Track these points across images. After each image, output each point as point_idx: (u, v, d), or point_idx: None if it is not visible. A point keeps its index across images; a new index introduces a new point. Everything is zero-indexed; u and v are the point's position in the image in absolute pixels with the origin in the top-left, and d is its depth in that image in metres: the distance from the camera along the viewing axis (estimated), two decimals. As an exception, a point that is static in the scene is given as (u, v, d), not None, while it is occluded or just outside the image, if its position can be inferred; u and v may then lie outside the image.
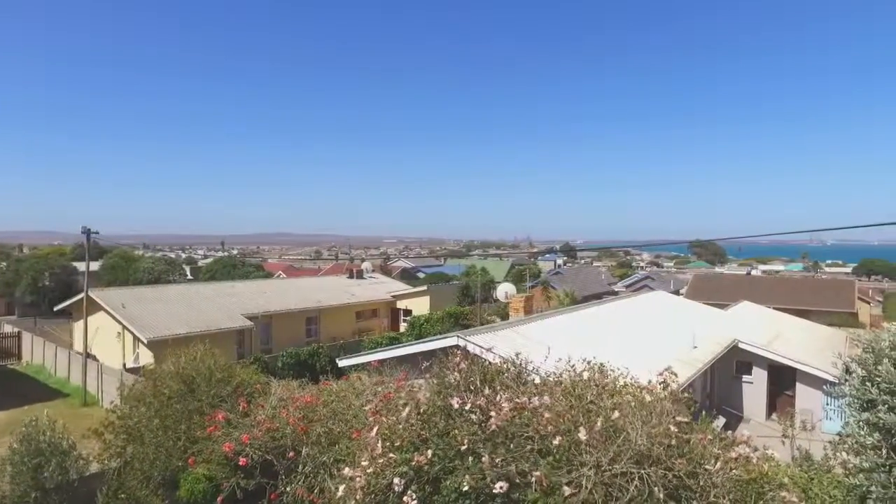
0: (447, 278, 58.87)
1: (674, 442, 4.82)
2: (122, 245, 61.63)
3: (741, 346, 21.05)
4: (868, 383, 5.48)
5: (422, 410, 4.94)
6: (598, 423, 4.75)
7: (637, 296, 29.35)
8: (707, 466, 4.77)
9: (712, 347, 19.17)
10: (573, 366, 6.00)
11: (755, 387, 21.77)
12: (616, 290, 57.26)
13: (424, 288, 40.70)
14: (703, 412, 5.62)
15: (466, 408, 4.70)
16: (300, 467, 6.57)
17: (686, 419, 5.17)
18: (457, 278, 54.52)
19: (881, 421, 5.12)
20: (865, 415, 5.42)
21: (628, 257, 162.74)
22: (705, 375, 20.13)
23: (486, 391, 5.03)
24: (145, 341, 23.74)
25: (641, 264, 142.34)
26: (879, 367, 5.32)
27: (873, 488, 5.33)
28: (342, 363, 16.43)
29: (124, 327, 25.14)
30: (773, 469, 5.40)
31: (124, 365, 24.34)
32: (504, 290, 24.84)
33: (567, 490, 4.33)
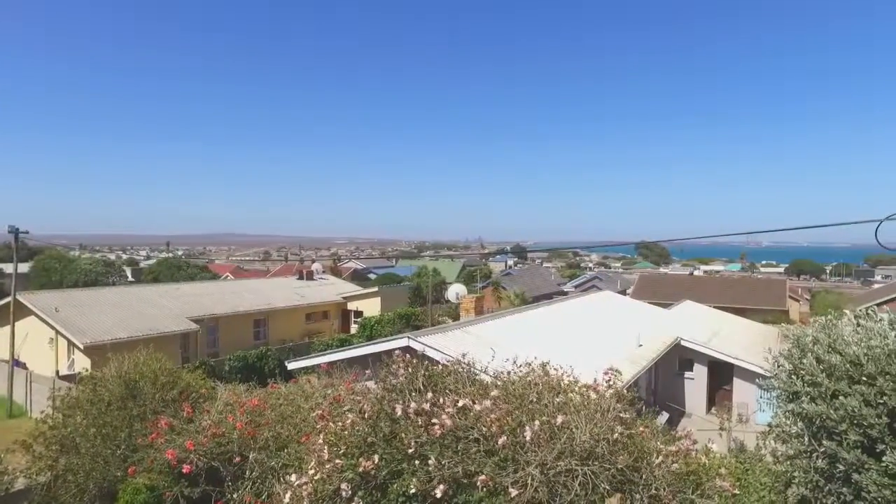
0: (399, 279, 58.68)
1: (618, 438, 4.96)
2: (55, 245, 58.57)
3: (683, 343, 21.85)
4: (794, 376, 5.80)
5: (367, 415, 4.92)
6: (541, 423, 4.85)
7: (585, 296, 30.03)
8: (649, 461, 4.94)
9: (656, 345, 19.81)
10: (519, 366, 6.08)
11: (696, 382, 22.62)
12: (565, 290, 58.38)
13: (376, 289, 40.43)
14: (646, 409, 5.80)
15: (410, 411, 4.70)
16: (247, 473, 6.42)
17: (629, 416, 5.34)
18: (408, 279, 54.41)
19: (804, 411, 5.43)
20: (791, 406, 5.73)
21: (577, 258, 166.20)
22: (650, 372, 20.78)
23: (430, 395, 5.04)
24: (81, 346, 22.66)
25: (590, 265, 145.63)
26: (804, 361, 5.64)
27: (796, 474, 5.66)
28: (291, 366, 16.15)
29: (58, 332, 23.93)
30: (710, 460, 5.63)
31: (57, 372, 23.17)
32: (455, 290, 24.97)
33: (513, 491, 4.39)
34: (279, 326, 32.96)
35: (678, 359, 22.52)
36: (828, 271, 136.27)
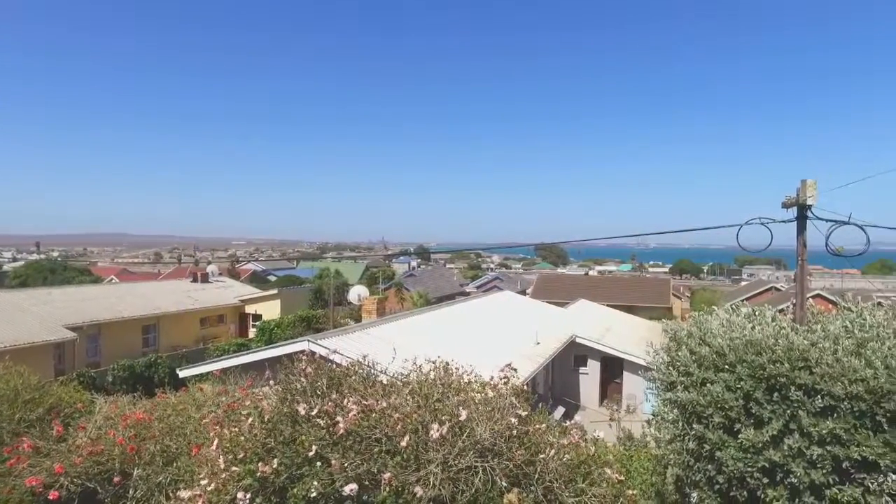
0: (300, 281, 57.22)
1: (515, 434, 5.15)
2: None
3: (578, 340, 23.01)
4: (671, 367, 6.33)
5: (266, 419, 4.79)
6: (445, 421, 4.95)
7: (486, 296, 30.78)
8: (542, 455, 5.18)
9: (553, 343, 20.69)
10: (420, 366, 6.15)
11: (590, 377, 23.89)
12: (468, 290, 59.45)
13: (275, 291, 39.15)
14: (541, 404, 6.06)
15: (313, 413, 4.64)
16: (131, 492, 6.00)
17: (525, 412, 5.56)
18: (310, 281, 53.21)
19: (679, 399, 5.95)
20: (669, 394, 6.26)
21: (479, 259, 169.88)
22: (547, 369, 21.68)
23: (334, 395, 5.01)
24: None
25: (492, 266, 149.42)
26: (679, 353, 6.17)
27: (672, 456, 6.19)
28: (183, 373, 15.30)
29: None
30: (599, 450, 5.96)
31: None
32: (357, 292, 24.74)
33: (419, 490, 4.45)
34: (171, 332, 31.05)
35: (573, 355, 23.68)
36: (705, 271, 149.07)
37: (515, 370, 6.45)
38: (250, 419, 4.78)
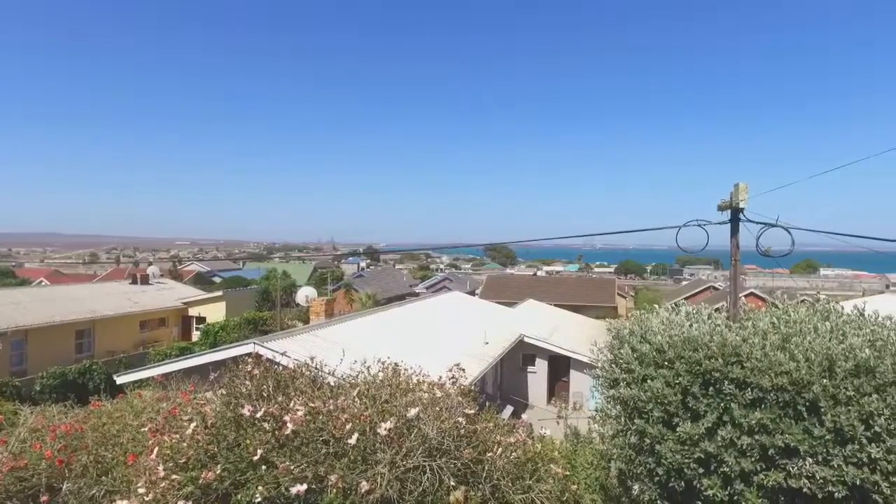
0: (246, 282, 55.88)
1: (463, 433, 5.21)
2: None
3: (526, 340, 23.37)
4: (614, 365, 6.54)
5: (209, 424, 4.67)
6: (393, 422, 4.95)
7: (436, 296, 30.87)
8: (490, 453, 5.25)
9: (502, 343, 20.94)
10: (368, 367, 6.14)
11: (538, 376, 24.31)
12: (417, 291, 59.44)
13: (220, 293, 38.08)
14: (488, 403, 6.16)
15: (258, 416, 4.56)
16: (60, 507, 5.69)
17: (472, 411, 5.63)
18: (256, 283, 52.04)
19: (621, 395, 6.15)
20: (612, 391, 6.47)
21: (429, 260, 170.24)
22: (496, 368, 21.92)
23: (280, 398, 4.94)
24: None
25: (441, 266, 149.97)
26: (621, 351, 6.39)
27: (615, 451, 6.41)
28: (121, 380, 14.68)
29: None
30: (545, 447, 6.08)
31: None
32: (305, 293, 24.34)
33: (365, 485, 4.44)
34: (108, 337, 29.69)
35: (521, 354, 24.04)
36: (648, 271, 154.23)
37: (463, 370, 6.52)
38: (193, 424, 4.66)
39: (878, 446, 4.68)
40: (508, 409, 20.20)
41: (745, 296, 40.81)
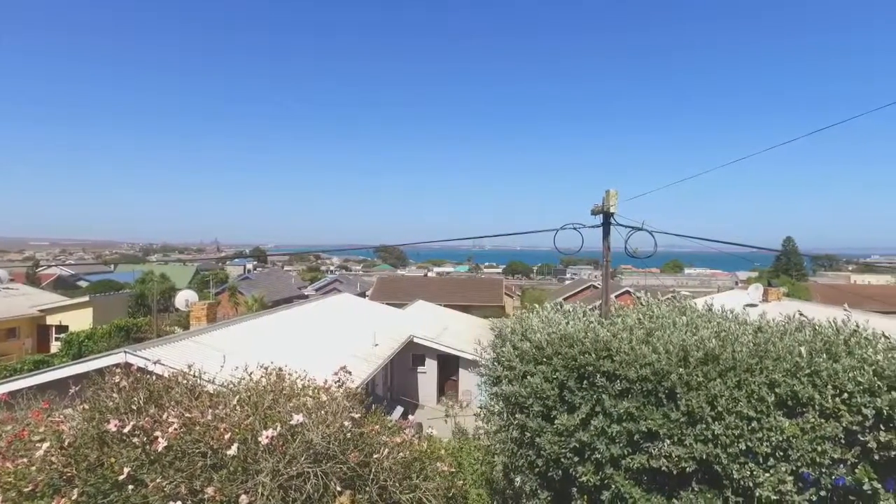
0: (118, 287, 51.57)
1: (349, 436, 5.18)
2: None
3: (416, 340, 23.61)
4: (496, 363, 6.81)
5: (67, 444, 4.29)
6: (276, 428, 4.82)
7: (325, 298, 30.30)
8: (377, 455, 5.27)
9: (392, 344, 21.00)
10: (251, 373, 5.93)
11: (428, 375, 24.63)
12: (307, 293, 58.13)
13: (86, 299, 34.82)
14: (375, 405, 6.17)
15: (126, 431, 4.26)
16: None
17: (359, 414, 5.61)
18: (130, 287, 48.21)
19: (503, 392, 6.43)
20: (495, 389, 6.73)
21: (319, 261, 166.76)
22: (386, 369, 21.94)
23: (152, 410, 4.64)
24: None
25: (331, 268, 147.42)
26: (503, 349, 6.67)
27: (498, 446, 6.69)
28: (-42, 400, 12.98)
29: None
30: (433, 446, 6.20)
31: None
32: (185, 297, 22.92)
33: (244, 498, 4.28)
34: (-58, 350, 26.21)
35: (411, 355, 24.26)
36: (535, 271, 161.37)
37: (350, 373, 6.49)
38: (45, 445, 4.25)
39: (719, 424, 5.26)
40: (398, 410, 20.28)
41: (621, 294, 43.92)
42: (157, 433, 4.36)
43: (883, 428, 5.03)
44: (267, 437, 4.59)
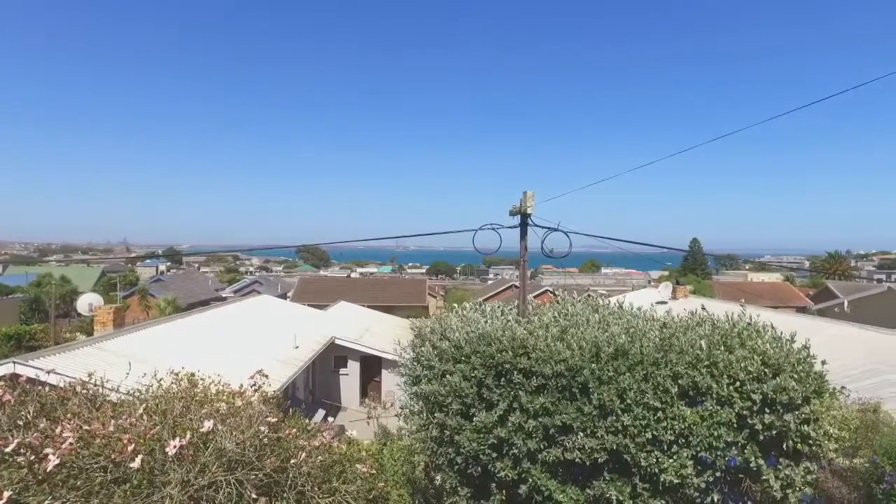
0: (8, 290, 47.54)
1: (265, 442, 5.03)
2: None
3: (338, 342, 23.26)
4: (416, 362, 6.85)
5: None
6: (186, 437, 4.62)
7: (244, 300, 29.28)
8: (294, 460, 5.15)
9: (312, 346, 20.59)
10: (161, 380, 5.65)
11: (350, 377, 24.34)
12: (224, 295, 56.02)
13: (-30, 304, 31.87)
14: (294, 409, 6.03)
15: (8, 450, 3.93)
16: None
17: (276, 419, 5.47)
18: (23, 290, 44.55)
19: (423, 391, 6.47)
20: (415, 388, 6.77)
21: (238, 262, 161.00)
22: (307, 372, 21.48)
23: (43, 424, 4.31)
24: None
25: (251, 269, 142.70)
26: (423, 349, 6.71)
27: (419, 445, 6.72)
28: None
29: None
30: (353, 448, 6.13)
31: None
32: (88, 301, 21.42)
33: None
34: None
35: (333, 356, 23.89)
36: (458, 271, 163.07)
37: (267, 376, 6.31)
38: None
39: (628, 415, 5.56)
40: (320, 413, 19.93)
41: (541, 293, 45.22)
42: (49, 450, 4.06)
43: (768, 411, 5.49)
44: (175, 446, 4.38)
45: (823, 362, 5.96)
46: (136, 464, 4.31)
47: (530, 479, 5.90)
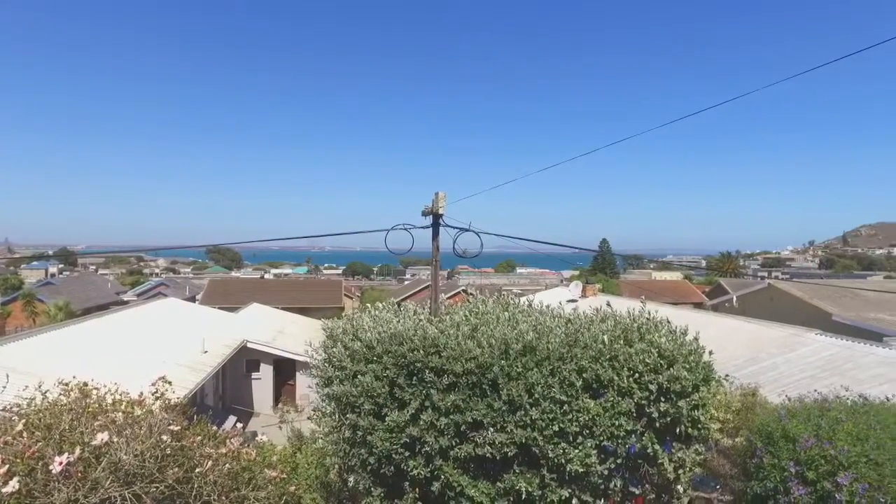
0: None
1: (168, 452, 4.79)
2: None
3: (249, 345, 22.49)
4: (327, 363, 6.76)
5: None
6: (75, 453, 4.32)
7: (147, 304, 27.65)
8: (199, 469, 4.94)
9: (222, 350, 19.79)
10: (46, 391, 5.24)
11: (263, 381, 23.61)
12: (126, 299, 52.69)
13: None
14: (200, 416, 5.79)
15: None
16: None
17: (179, 427, 5.22)
18: None
19: (335, 392, 6.41)
20: (327, 390, 6.68)
21: (142, 264, 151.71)
22: (217, 378, 20.61)
23: None
24: None
25: (157, 270, 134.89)
26: (334, 350, 6.64)
27: (331, 447, 6.65)
28: None
29: None
30: (264, 453, 5.96)
31: None
32: (-38, 308, 19.45)
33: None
34: None
35: (245, 360, 23.09)
36: (375, 271, 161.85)
37: (170, 383, 6.01)
38: None
39: (536, 409, 5.77)
40: (231, 420, 19.16)
41: (456, 294, 45.78)
42: None
43: (663, 399, 5.89)
44: (61, 462, 4.08)
45: (711, 353, 6.46)
46: (11, 487, 3.97)
47: (443, 476, 5.98)
